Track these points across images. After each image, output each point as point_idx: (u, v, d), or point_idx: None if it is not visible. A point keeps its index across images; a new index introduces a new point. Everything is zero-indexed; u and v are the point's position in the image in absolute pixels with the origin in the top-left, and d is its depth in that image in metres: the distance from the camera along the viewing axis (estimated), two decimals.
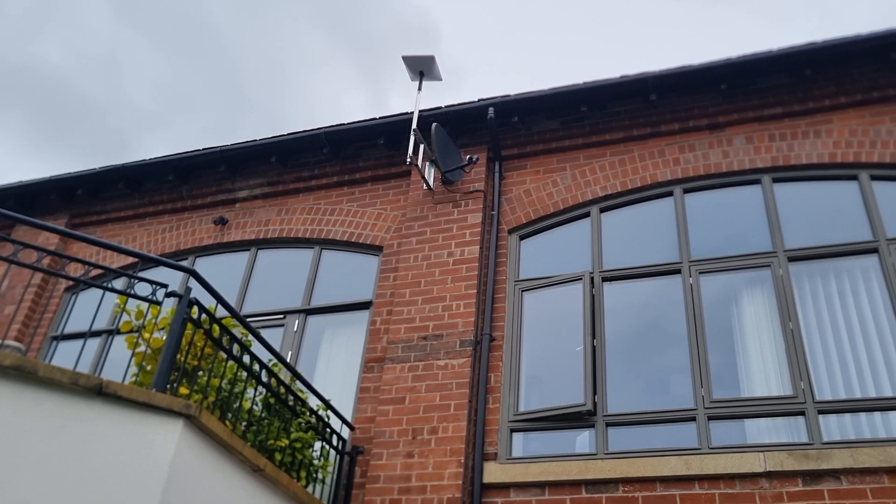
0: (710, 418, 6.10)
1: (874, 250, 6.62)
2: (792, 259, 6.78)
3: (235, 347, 5.30)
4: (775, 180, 7.31)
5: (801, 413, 5.93)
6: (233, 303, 8.22)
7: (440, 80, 8.04)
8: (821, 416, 5.89)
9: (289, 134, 8.87)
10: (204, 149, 9.29)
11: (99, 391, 4.08)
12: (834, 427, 5.86)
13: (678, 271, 7.03)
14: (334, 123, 8.79)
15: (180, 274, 8.07)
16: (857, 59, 7.49)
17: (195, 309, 4.82)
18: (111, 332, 7.99)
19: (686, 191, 7.58)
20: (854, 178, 7.10)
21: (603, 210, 7.73)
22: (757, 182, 7.38)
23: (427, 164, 7.98)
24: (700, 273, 6.92)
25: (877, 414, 5.84)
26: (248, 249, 8.92)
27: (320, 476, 6.21)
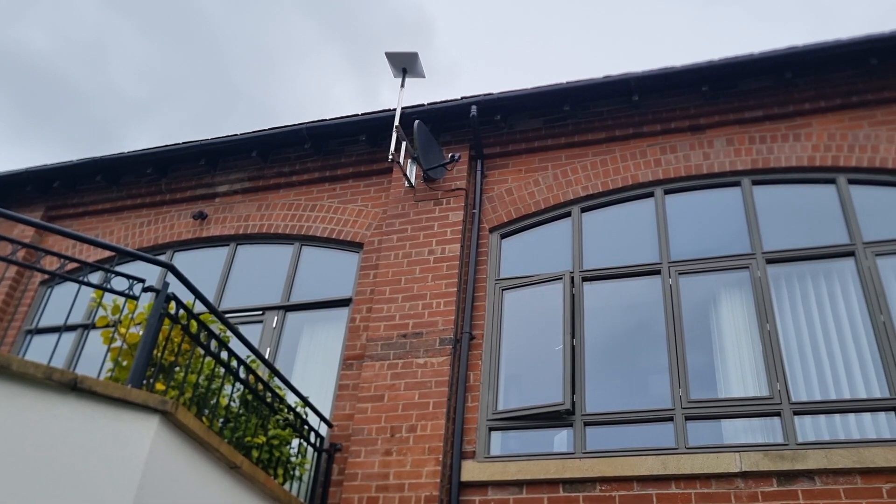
0: (688, 418, 6.15)
1: (851, 253, 6.69)
2: (770, 261, 6.83)
3: (213, 343, 5.29)
4: (755, 182, 7.36)
5: (777, 414, 5.98)
6: (211, 298, 8.19)
7: (423, 77, 8.03)
8: (796, 417, 5.94)
9: (270, 129, 8.86)
10: (183, 142, 9.25)
11: (74, 386, 4.05)
12: (809, 428, 5.91)
13: (658, 272, 7.08)
14: (316, 119, 8.80)
15: (158, 269, 8.01)
16: (837, 63, 7.57)
17: (173, 304, 4.80)
18: (87, 327, 7.90)
19: (667, 192, 7.63)
20: (832, 181, 7.16)
21: (584, 210, 7.76)
22: (737, 184, 7.43)
23: (409, 161, 7.99)
24: (679, 274, 6.97)
25: (851, 415, 5.91)
26: (228, 245, 8.88)
27: (297, 473, 6.20)
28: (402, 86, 8.03)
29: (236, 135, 9.01)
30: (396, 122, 7.78)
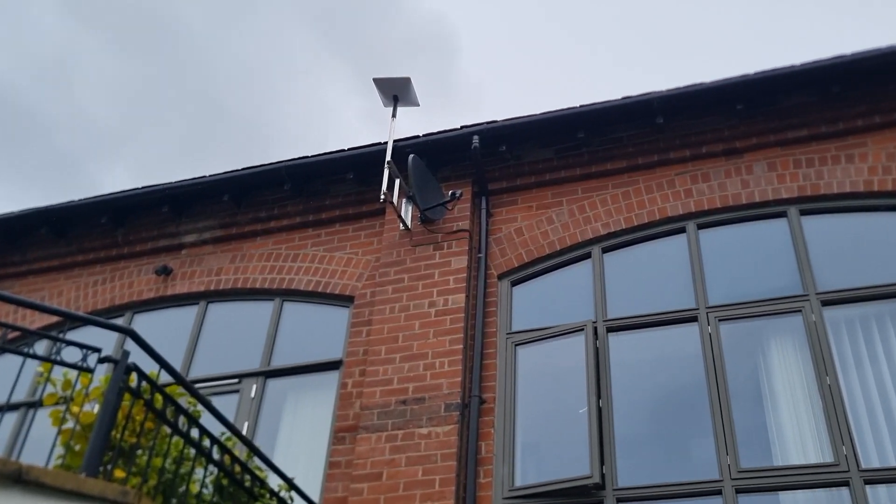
0: (739, 491, 6.05)
1: None
2: (826, 303, 6.77)
3: (182, 420, 5.17)
4: (803, 212, 7.36)
5: (845, 483, 5.87)
6: (179, 367, 8.11)
7: (416, 105, 8.13)
8: (868, 487, 5.81)
9: (244, 169, 8.89)
10: (143, 187, 9.27)
11: (18, 478, 3.92)
12: (884, 499, 5.79)
13: (694, 319, 7.04)
14: (296, 156, 8.83)
15: (116, 335, 7.91)
16: (892, 72, 7.55)
17: (133, 376, 4.70)
18: (33, 406, 7.84)
19: (700, 226, 7.62)
20: (894, 208, 7.13)
21: (606, 250, 7.76)
22: (782, 215, 7.42)
23: (404, 201, 8.02)
24: (720, 320, 6.93)
25: None
26: (197, 303, 8.86)
27: None
28: (394, 115, 8.12)
29: (204, 177, 9.03)
30: (388, 157, 7.80)
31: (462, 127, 8.33)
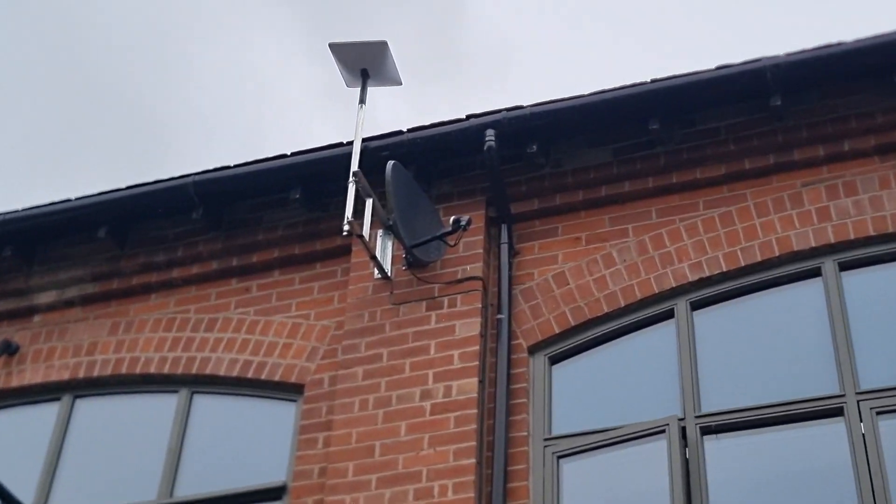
0: None
1: None
2: None
3: None
4: None
5: None
6: (31, 497, 8.09)
7: (399, 83, 8.30)
8: None
9: (128, 188, 8.93)
10: None
11: None
12: None
13: (838, 412, 6.98)
14: (212, 167, 8.87)
15: None
16: None
17: None
18: None
19: (844, 266, 7.60)
20: None
21: (696, 305, 7.76)
22: None
23: (379, 233, 7.98)
24: (878, 413, 6.86)
25: None
26: (58, 398, 8.84)
27: None
28: (362, 101, 8.24)
29: (68, 200, 9.04)
30: (354, 165, 7.84)
31: (469, 117, 8.35)
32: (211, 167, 8.86)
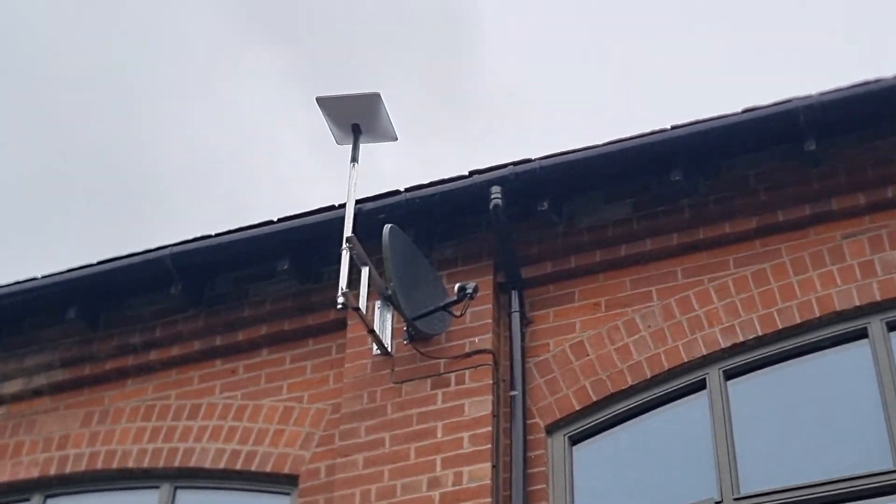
0: None
1: None
2: None
3: None
4: None
5: None
6: None
7: (392, 139, 8.38)
8: None
9: (99, 263, 8.90)
10: None
11: None
12: None
13: (894, 489, 6.66)
14: (191, 237, 8.76)
15: None
16: None
17: None
18: None
19: (892, 326, 7.33)
20: None
21: (731, 375, 7.54)
22: None
23: (377, 305, 7.81)
24: None
25: None
26: (27, 499, 8.73)
27: None
28: (354, 159, 8.21)
29: (35, 278, 9.05)
30: (348, 231, 7.70)
31: (472, 173, 8.24)
32: (190, 237, 8.82)
